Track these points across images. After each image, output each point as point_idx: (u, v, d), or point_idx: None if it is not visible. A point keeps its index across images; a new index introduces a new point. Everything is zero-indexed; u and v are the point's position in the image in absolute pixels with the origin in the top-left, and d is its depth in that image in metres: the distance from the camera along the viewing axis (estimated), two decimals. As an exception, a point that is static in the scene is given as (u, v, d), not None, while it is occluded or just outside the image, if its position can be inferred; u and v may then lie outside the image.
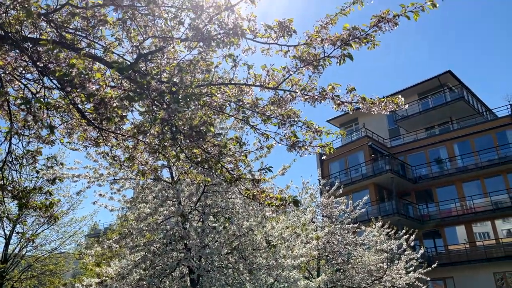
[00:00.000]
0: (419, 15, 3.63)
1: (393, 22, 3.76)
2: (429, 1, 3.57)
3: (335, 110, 4.35)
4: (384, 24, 3.83)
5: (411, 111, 33.33)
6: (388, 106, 4.14)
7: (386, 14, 3.77)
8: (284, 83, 4.44)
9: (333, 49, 4.11)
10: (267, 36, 4.25)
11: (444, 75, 32.17)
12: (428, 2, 3.58)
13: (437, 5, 3.57)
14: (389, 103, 4.13)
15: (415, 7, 3.67)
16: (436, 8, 3.56)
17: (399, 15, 3.73)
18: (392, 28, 3.81)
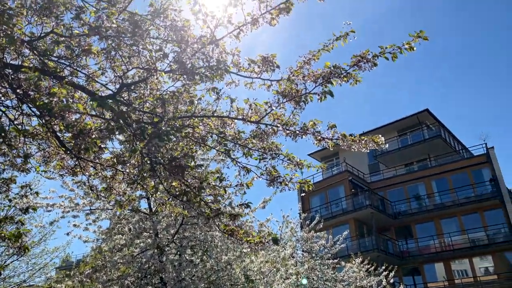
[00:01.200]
0: (397, 57, 3.76)
1: (372, 62, 3.88)
2: (407, 44, 3.72)
3: (316, 145, 4.39)
4: (364, 64, 3.94)
5: (391, 147, 33.93)
6: (368, 145, 4.22)
7: (366, 54, 3.90)
8: (267, 117, 4.48)
9: (315, 86, 4.20)
10: (250, 70, 4.32)
11: (422, 113, 33.08)
12: (406, 45, 3.72)
13: (414, 48, 3.71)
14: (369, 142, 4.21)
15: (393, 49, 3.81)
16: (413, 51, 3.70)
17: (378, 55, 3.85)
18: (371, 68, 3.93)
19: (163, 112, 4.20)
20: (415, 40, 3.70)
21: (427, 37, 3.68)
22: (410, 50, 3.72)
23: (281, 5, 3.84)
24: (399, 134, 34.71)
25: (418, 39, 3.69)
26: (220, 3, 3.90)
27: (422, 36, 3.69)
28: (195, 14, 4.01)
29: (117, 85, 4.28)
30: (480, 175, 28.74)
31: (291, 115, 4.41)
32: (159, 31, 4.13)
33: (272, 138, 4.55)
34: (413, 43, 3.71)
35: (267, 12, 3.87)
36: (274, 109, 4.40)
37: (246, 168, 4.63)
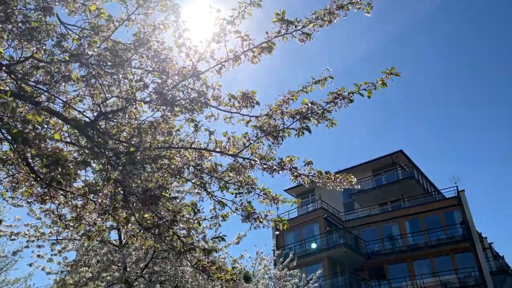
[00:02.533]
0: (372, 93, 3.88)
1: (348, 99, 3.99)
2: (381, 80, 3.86)
3: (292, 181, 4.40)
4: (340, 101, 4.04)
5: (366, 186, 34.31)
6: (342, 183, 4.28)
7: (342, 91, 4.01)
8: (245, 150, 4.49)
9: (293, 121, 4.26)
10: (230, 105, 4.36)
11: (396, 154, 33.82)
12: (379, 81, 3.86)
13: (387, 84, 3.85)
14: (343, 180, 4.27)
15: (368, 85, 3.93)
16: (386, 87, 3.83)
17: (354, 92, 3.97)
18: (348, 105, 4.03)
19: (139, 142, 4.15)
20: (388, 76, 3.85)
21: (399, 73, 3.82)
22: (383, 86, 3.85)
23: (264, 44, 3.94)
24: (374, 174, 35.23)
25: (390, 75, 3.84)
26: (204, 38, 3.98)
27: (393, 73, 3.84)
28: (179, 47, 4.07)
29: (95, 113, 4.24)
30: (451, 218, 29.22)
31: (268, 150, 4.45)
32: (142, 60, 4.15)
33: (249, 172, 4.55)
34: (386, 79, 3.85)
35: (249, 50, 3.96)
36: (252, 143, 4.42)
37: (222, 203, 4.59)
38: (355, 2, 3.72)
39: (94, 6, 4.02)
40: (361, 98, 4.00)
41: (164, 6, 4.00)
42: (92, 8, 4.01)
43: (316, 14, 3.79)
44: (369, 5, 3.73)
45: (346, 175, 4.35)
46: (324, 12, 3.78)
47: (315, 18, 3.80)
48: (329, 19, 3.80)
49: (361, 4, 3.73)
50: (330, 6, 3.76)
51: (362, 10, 3.74)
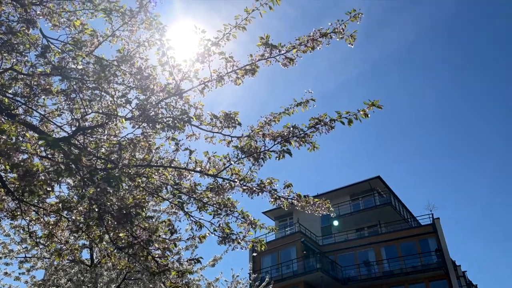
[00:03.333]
0: (353, 122, 3.95)
1: (329, 126, 4.04)
2: (362, 111, 3.93)
3: (272, 204, 4.39)
4: (321, 127, 4.09)
5: (343, 211, 34.45)
6: (320, 208, 4.31)
7: (324, 118, 4.06)
8: (225, 171, 4.47)
9: (274, 144, 4.28)
10: (212, 125, 4.36)
11: (374, 180, 34.20)
12: (361, 112, 3.94)
13: (368, 115, 3.92)
14: (321, 205, 4.31)
15: (349, 114, 4.00)
16: (367, 118, 3.91)
17: (335, 120, 4.03)
18: (328, 131, 4.08)
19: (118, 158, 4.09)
20: (369, 108, 3.93)
21: (381, 106, 3.91)
22: (365, 117, 3.93)
23: (247, 66, 3.98)
24: (352, 199, 35.46)
25: (372, 107, 3.92)
26: (188, 58, 4.00)
27: (376, 105, 3.92)
28: (162, 65, 4.08)
29: (73, 127, 4.17)
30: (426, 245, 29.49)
31: (249, 171, 4.44)
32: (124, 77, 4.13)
33: (229, 193, 4.52)
34: (368, 110, 3.93)
35: (233, 71, 4.00)
36: (232, 164, 4.41)
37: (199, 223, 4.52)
38: (338, 32, 3.82)
39: (78, 22, 4.01)
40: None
41: (150, 24, 4.03)
42: (76, 24, 4.00)
43: (300, 40, 3.87)
44: (352, 36, 3.84)
45: (323, 200, 4.39)
46: (308, 39, 3.86)
47: (299, 44, 3.88)
48: (312, 46, 3.88)
49: (343, 34, 3.83)
50: (314, 33, 3.85)
51: (345, 41, 3.84)
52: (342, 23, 3.80)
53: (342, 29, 3.81)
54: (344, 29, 3.80)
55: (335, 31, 3.83)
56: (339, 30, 3.81)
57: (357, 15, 3.76)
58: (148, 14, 3.97)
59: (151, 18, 4.00)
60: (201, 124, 4.34)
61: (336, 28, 3.82)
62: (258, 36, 3.90)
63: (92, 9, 4.03)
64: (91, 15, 4.06)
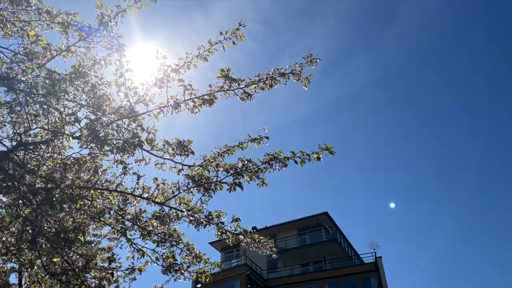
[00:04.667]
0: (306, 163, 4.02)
1: (283, 163, 4.08)
2: (316, 153, 4.02)
3: (218, 237, 4.31)
4: (275, 163, 4.12)
5: (290, 245, 34.49)
6: (264, 247, 4.30)
7: (278, 155, 4.10)
8: (173, 200, 4.35)
9: (226, 175, 4.24)
10: (164, 151, 4.26)
11: (322, 216, 34.71)
12: (314, 154, 4.02)
13: (321, 159, 4.02)
14: (265, 244, 4.30)
15: (303, 155, 4.07)
16: (320, 161, 4.01)
17: (289, 158, 4.08)
18: (281, 168, 4.11)
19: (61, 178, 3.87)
20: (323, 151, 4.03)
21: (333, 152, 4.03)
22: (318, 160, 4.02)
23: (206, 96, 3.97)
24: (299, 233, 35.66)
25: (325, 151, 4.02)
26: (146, 81, 3.93)
27: (329, 150, 4.03)
28: (118, 86, 3.98)
29: (14, 142, 3.92)
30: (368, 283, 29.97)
31: (198, 202, 4.34)
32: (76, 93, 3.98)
33: (175, 223, 4.38)
34: (321, 154, 4.03)
35: (190, 99, 3.97)
36: (182, 193, 4.30)
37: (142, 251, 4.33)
38: (295, 74, 3.95)
39: (33, 32, 3.86)
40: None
41: (109, 42, 3.94)
42: (31, 34, 3.84)
43: (259, 77, 3.94)
44: (307, 79, 3.98)
45: (268, 239, 4.39)
46: (267, 76, 3.94)
47: (258, 81, 3.95)
48: (270, 84, 3.96)
49: (300, 77, 3.96)
50: (273, 72, 3.95)
51: (301, 83, 3.98)
52: (299, 66, 3.93)
53: (299, 72, 3.93)
54: (301, 71, 3.94)
55: (293, 73, 3.95)
56: (296, 72, 3.94)
57: (313, 59, 3.92)
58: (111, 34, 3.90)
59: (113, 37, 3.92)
60: (152, 149, 4.23)
61: (293, 70, 3.95)
62: (219, 68, 3.93)
63: (48, 20, 3.90)
64: (47, 26, 3.92)
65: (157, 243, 4.43)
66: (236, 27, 3.78)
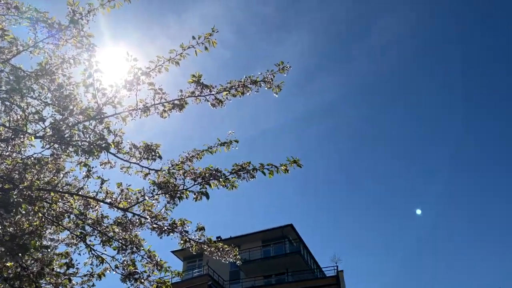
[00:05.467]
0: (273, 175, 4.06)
1: (251, 174, 4.09)
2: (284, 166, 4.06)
3: (181, 246, 4.24)
4: (243, 174, 4.12)
5: (254, 257, 34.37)
6: (228, 256, 4.28)
7: (247, 166, 4.10)
8: (137, 206, 4.25)
9: (194, 184, 4.19)
10: (130, 155, 4.17)
11: (287, 228, 34.85)
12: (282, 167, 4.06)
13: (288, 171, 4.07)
14: (229, 253, 4.27)
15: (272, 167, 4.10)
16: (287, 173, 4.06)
17: (257, 169, 4.09)
18: (249, 179, 4.12)
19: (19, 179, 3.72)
20: (291, 164, 4.08)
21: (301, 165, 4.09)
22: (285, 172, 4.06)
23: (176, 101, 3.93)
24: (263, 245, 35.63)
25: (293, 164, 4.07)
26: (115, 83, 3.85)
27: (297, 163, 4.08)
28: (86, 86, 3.88)
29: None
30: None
31: (163, 209, 4.27)
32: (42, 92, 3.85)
33: (137, 229, 4.28)
34: (289, 166, 4.08)
35: (160, 103, 3.92)
36: (146, 199, 4.22)
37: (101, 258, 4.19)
38: (267, 82, 3.98)
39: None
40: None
41: (80, 41, 3.85)
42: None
43: (231, 84, 3.95)
44: (279, 87, 4.02)
45: (232, 248, 4.36)
46: (239, 84, 3.95)
47: (229, 88, 3.95)
48: (242, 91, 3.97)
49: (272, 84, 4.00)
50: (245, 80, 3.96)
51: (272, 90, 4.01)
52: (271, 73, 3.96)
53: (271, 79, 3.97)
54: (272, 79, 3.97)
55: (265, 80, 3.98)
56: (268, 80, 3.97)
57: (285, 67, 3.96)
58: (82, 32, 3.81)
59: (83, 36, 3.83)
60: (119, 153, 4.14)
61: (265, 78, 3.98)
62: (190, 73, 3.90)
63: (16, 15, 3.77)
64: (14, 21, 3.79)
65: (117, 250, 4.32)
66: (209, 33, 3.78)
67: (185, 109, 3.98)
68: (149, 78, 3.86)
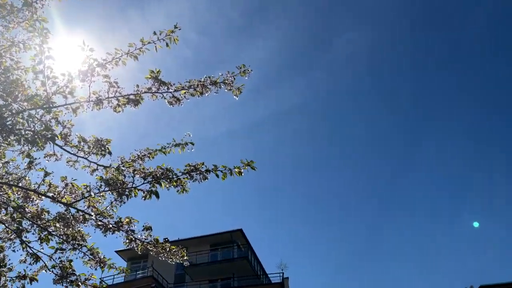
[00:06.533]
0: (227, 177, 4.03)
1: (204, 176, 4.03)
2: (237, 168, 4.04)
3: (126, 245, 4.10)
4: (196, 175, 4.06)
5: (201, 260, 34.02)
6: (175, 256, 4.18)
7: (200, 167, 4.04)
8: (82, 201, 4.07)
9: (143, 182, 4.08)
10: (79, 148, 4.00)
11: (236, 232, 34.82)
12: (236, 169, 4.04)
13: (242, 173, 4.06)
14: (176, 254, 4.17)
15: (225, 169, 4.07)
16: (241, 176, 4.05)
17: (211, 171, 4.05)
18: (202, 180, 4.06)
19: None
20: (245, 167, 4.06)
21: (255, 168, 4.09)
22: (239, 175, 4.04)
23: (131, 96, 3.81)
24: (211, 249, 35.37)
25: (247, 167, 4.06)
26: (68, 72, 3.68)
27: (251, 166, 4.07)
28: (36, 73, 3.68)
29: None
30: (274, 302, 30.43)
31: (109, 206, 4.11)
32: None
33: (80, 226, 4.10)
34: (243, 169, 4.06)
35: (115, 97, 3.78)
36: (92, 195, 4.05)
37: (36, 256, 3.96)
38: (227, 83, 3.96)
39: None
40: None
41: (32, 25, 3.65)
42: None
43: (190, 83, 3.89)
44: (239, 89, 4.00)
45: (180, 248, 4.27)
46: (198, 83, 3.90)
47: (188, 86, 3.89)
48: (201, 91, 3.92)
49: (232, 87, 3.97)
50: (205, 79, 3.92)
51: (232, 92, 3.98)
52: (232, 75, 3.95)
53: (231, 81, 3.95)
54: (233, 81, 3.95)
55: (225, 82, 3.95)
56: (229, 81, 3.95)
57: (246, 70, 3.96)
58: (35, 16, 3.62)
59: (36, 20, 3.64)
60: (66, 145, 3.95)
61: (226, 79, 3.95)
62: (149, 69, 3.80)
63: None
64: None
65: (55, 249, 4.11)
66: (171, 29, 3.71)
67: (140, 105, 3.87)
68: (104, 70, 3.72)
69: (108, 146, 4.03)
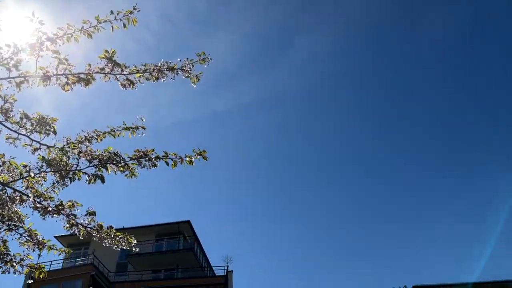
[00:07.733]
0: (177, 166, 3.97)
1: (153, 163, 3.95)
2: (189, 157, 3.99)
3: (66, 229, 3.93)
4: (145, 161, 3.96)
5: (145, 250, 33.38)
6: (121, 243, 4.05)
7: (150, 153, 3.95)
8: (20, 181, 3.85)
9: (88, 165, 3.93)
10: (21, 125, 3.78)
11: (183, 224, 34.48)
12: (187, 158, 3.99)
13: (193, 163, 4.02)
14: (123, 240, 4.05)
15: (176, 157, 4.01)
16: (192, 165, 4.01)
17: (160, 158, 3.97)
18: (151, 167, 3.97)
19: None
20: (196, 156, 4.01)
21: (206, 158, 4.05)
22: (190, 164, 4.00)
23: (82, 75, 3.64)
24: (157, 239, 34.82)
25: (198, 156, 4.01)
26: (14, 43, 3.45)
27: (203, 155, 4.03)
28: (-22, 43, 3.42)
29: None
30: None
31: (50, 188, 3.92)
32: None
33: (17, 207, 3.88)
34: (194, 158, 4.01)
35: (64, 75, 3.60)
36: (32, 175, 3.84)
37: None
38: (185, 70, 3.87)
39: None
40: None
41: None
42: None
43: (146, 67, 3.77)
44: (197, 77, 3.92)
45: (126, 235, 4.15)
46: (154, 68, 3.79)
47: (144, 70, 3.77)
48: (157, 76, 3.82)
49: (190, 74, 3.89)
50: (162, 64, 3.81)
51: (190, 79, 3.90)
52: (190, 62, 3.87)
53: (189, 68, 3.87)
54: (191, 68, 3.87)
55: (183, 68, 3.86)
56: (187, 68, 3.87)
57: (206, 58, 3.88)
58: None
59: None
60: (7, 121, 3.72)
61: (184, 66, 3.86)
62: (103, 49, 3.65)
63: None
64: None
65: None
66: (129, 10, 3.57)
67: (91, 85, 3.70)
68: (54, 45, 3.52)
69: (53, 125, 3.84)
